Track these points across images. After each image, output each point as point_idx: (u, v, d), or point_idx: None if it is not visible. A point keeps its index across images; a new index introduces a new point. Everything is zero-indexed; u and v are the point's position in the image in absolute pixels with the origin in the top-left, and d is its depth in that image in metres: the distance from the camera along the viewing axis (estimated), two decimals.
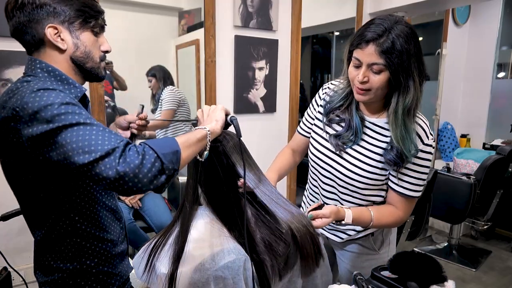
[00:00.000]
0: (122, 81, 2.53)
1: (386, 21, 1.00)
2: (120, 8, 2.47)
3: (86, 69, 0.93)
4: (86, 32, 0.91)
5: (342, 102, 1.18)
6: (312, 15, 3.02)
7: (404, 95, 1.02)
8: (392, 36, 0.97)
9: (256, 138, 2.42)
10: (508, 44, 3.75)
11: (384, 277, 1.02)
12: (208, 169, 0.97)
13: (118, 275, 1.02)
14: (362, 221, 1.12)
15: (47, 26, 0.85)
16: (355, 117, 1.14)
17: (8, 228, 1.70)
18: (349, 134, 1.15)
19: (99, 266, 0.97)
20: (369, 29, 1.00)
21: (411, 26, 1.02)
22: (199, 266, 0.88)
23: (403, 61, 0.98)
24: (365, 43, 1.00)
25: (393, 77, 1.00)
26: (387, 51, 0.97)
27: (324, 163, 1.22)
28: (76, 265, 0.93)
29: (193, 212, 1.01)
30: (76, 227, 0.92)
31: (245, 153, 0.97)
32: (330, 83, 1.27)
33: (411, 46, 0.99)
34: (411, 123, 1.06)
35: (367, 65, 1.01)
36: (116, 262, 1.02)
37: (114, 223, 1.02)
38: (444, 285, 0.98)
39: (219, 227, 0.97)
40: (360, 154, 1.15)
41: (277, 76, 2.45)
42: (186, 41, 2.66)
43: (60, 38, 0.87)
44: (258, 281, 0.94)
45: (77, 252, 0.93)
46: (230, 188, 0.96)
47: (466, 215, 2.76)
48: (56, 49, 0.88)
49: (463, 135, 3.95)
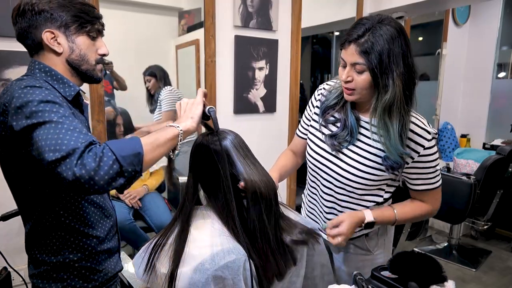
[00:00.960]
0: (122, 81, 2.53)
1: (370, 21, 1.01)
2: (120, 8, 2.47)
3: (82, 71, 0.99)
4: (82, 36, 0.96)
5: (336, 101, 1.19)
6: (312, 15, 3.02)
7: (382, 94, 1.03)
8: (373, 36, 0.99)
9: (256, 138, 2.42)
10: (508, 44, 3.75)
11: (384, 277, 1.02)
12: (208, 168, 0.97)
13: (102, 271, 1.04)
14: (386, 217, 1.16)
15: (45, 31, 0.92)
16: (350, 116, 1.15)
17: (8, 228, 1.70)
18: (345, 133, 1.16)
19: (82, 261, 1.00)
20: (353, 29, 1.02)
21: (397, 25, 1.02)
22: (199, 266, 0.88)
23: (382, 61, 0.99)
24: (348, 43, 1.02)
25: (373, 77, 1.02)
26: (366, 51, 0.99)
27: (321, 164, 1.23)
28: (60, 258, 0.97)
29: (193, 211, 1.01)
30: (61, 221, 0.96)
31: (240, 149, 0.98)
32: (325, 84, 1.29)
33: (393, 45, 0.99)
34: (393, 123, 1.06)
35: (350, 64, 1.04)
36: (101, 259, 1.04)
37: (103, 220, 1.05)
38: (444, 285, 0.98)
39: (219, 226, 0.97)
40: (356, 154, 1.16)
41: (277, 76, 2.45)
42: (186, 41, 2.66)
43: (56, 42, 0.93)
44: (258, 281, 0.94)
45: (61, 245, 0.97)
46: (230, 187, 0.96)
47: (466, 215, 2.75)
48: (53, 52, 0.94)
49: (463, 135, 3.95)
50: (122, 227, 2.04)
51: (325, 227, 1.12)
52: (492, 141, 3.62)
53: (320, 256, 1.13)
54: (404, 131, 1.08)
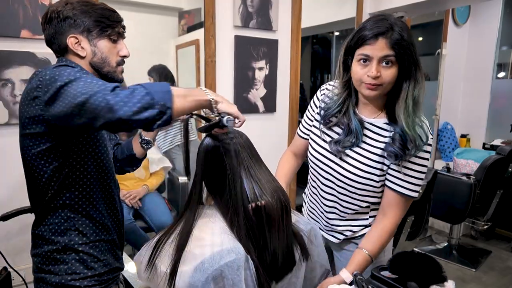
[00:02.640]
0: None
1: (386, 19, 1.02)
2: (121, 8, 2.46)
3: (103, 73, 1.05)
4: (103, 40, 1.02)
5: (339, 108, 1.18)
6: (312, 15, 3.02)
7: (414, 85, 1.05)
8: (398, 29, 1.00)
9: (256, 138, 2.40)
10: (508, 44, 3.75)
11: (384, 277, 1.02)
12: (215, 167, 0.97)
13: (102, 261, 1.07)
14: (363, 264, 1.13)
15: (69, 36, 0.99)
16: (354, 121, 1.14)
17: (8, 228, 1.70)
18: (350, 138, 1.15)
19: (86, 246, 1.04)
20: (374, 25, 1.02)
21: (407, 26, 1.06)
22: (199, 265, 0.88)
23: (412, 52, 1.02)
24: (374, 37, 1.01)
25: (403, 69, 1.03)
26: (397, 43, 1.00)
27: (323, 165, 1.22)
28: (66, 238, 1.01)
29: (197, 210, 1.01)
30: (74, 201, 1.01)
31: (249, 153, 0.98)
32: (327, 85, 1.28)
33: (413, 40, 1.03)
34: (420, 113, 1.08)
35: (378, 59, 1.02)
36: (104, 248, 1.08)
37: (112, 212, 1.11)
38: (444, 285, 0.98)
39: (221, 225, 0.97)
40: (360, 155, 1.15)
41: (277, 76, 2.45)
42: (186, 41, 2.66)
43: (80, 46, 1.00)
44: (258, 282, 0.94)
45: (68, 226, 1.02)
46: (236, 187, 0.96)
47: (466, 215, 2.75)
48: (77, 55, 1.02)
49: (463, 135, 3.95)
50: None
51: None
52: (492, 141, 3.62)
53: (319, 256, 1.13)
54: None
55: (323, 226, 1.32)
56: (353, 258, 1.15)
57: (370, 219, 1.24)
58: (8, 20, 1.60)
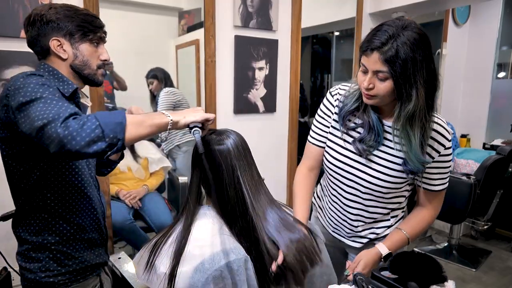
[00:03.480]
0: (122, 82, 2.53)
1: (393, 27, 0.98)
2: (120, 8, 2.47)
3: (84, 75, 1.08)
4: (85, 44, 1.06)
5: (357, 104, 1.15)
6: (312, 15, 3.02)
7: (405, 103, 1.01)
8: (397, 44, 0.95)
9: (256, 138, 2.42)
10: (508, 44, 3.75)
11: (384, 277, 1.02)
12: (210, 167, 0.97)
13: (77, 259, 1.11)
14: (399, 242, 1.17)
15: (52, 39, 1.02)
16: (373, 117, 1.12)
17: (8, 228, 1.69)
18: (371, 136, 1.13)
19: (59, 245, 1.08)
20: (376, 36, 0.98)
21: (421, 31, 0.99)
22: (199, 266, 0.88)
23: (407, 69, 0.96)
24: (370, 50, 0.99)
25: (396, 86, 0.99)
26: (390, 60, 0.96)
27: (346, 172, 1.19)
28: (40, 238, 1.06)
29: (196, 211, 1.01)
30: (46, 203, 1.05)
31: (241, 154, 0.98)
32: (339, 89, 1.23)
33: (417, 53, 0.96)
34: (415, 135, 1.04)
35: (372, 72, 1.01)
36: (79, 247, 1.12)
37: (88, 211, 1.14)
38: (444, 285, 0.98)
39: (220, 226, 0.97)
40: (383, 159, 1.14)
41: (277, 76, 2.45)
42: (186, 41, 2.66)
43: (62, 49, 1.04)
44: (258, 282, 0.94)
45: (42, 227, 1.06)
46: (232, 186, 0.96)
47: (466, 215, 2.75)
48: (58, 57, 1.05)
49: (463, 135, 3.95)
50: (122, 227, 2.04)
51: (347, 273, 1.14)
52: (492, 141, 3.61)
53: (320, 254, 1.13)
54: (425, 139, 1.07)
55: (345, 233, 1.30)
56: (391, 235, 1.19)
57: (392, 219, 1.25)
58: (8, 20, 1.60)
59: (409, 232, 1.18)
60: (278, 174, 2.57)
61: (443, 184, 1.18)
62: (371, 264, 1.14)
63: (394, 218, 1.26)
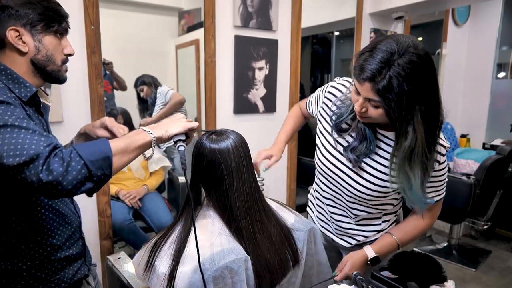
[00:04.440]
0: (122, 81, 2.53)
1: (387, 52, 0.87)
2: (120, 8, 2.47)
3: (47, 71, 0.95)
4: (49, 35, 0.92)
5: (353, 114, 1.09)
6: (312, 15, 3.02)
7: (401, 139, 0.93)
8: (390, 74, 0.85)
9: (256, 138, 2.42)
10: (508, 44, 3.75)
11: (384, 277, 1.02)
12: (210, 168, 0.97)
13: (53, 282, 0.98)
14: (387, 247, 1.15)
15: (9, 28, 0.87)
16: (366, 128, 1.06)
17: None
18: (363, 146, 1.07)
19: (32, 270, 0.94)
20: (368, 62, 0.88)
21: (421, 54, 0.87)
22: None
23: (401, 103, 0.87)
24: (362, 80, 0.90)
25: (389, 120, 0.92)
26: (382, 93, 0.87)
27: (332, 173, 1.17)
28: (8, 264, 0.91)
29: (196, 211, 1.01)
30: (12, 227, 0.90)
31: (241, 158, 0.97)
32: (339, 84, 1.19)
33: (414, 85, 0.86)
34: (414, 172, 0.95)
35: (364, 98, 0.94)
36: (55, 268, 0.98)
37: (62, 227, 1.00)
38: (444, 285, 0.98)
39: (220, 226, 0.97)
40: (373, 168, 1.09)
41: (277, 76, 2.45)
42: (186, 41, 2.66)
43: (21, 41, 0.89)
44: (257, 282, 0.94)
45: (11, 252, 0.91)
46: (232, 187, 0.96)
47: (466, 215, 2.75)
48: (16, 51, 0.89)
49: (463, 135, 3.95)
50: (122, 227, 2.04)
51: (335, 274, 1.14)
52: (492, 141, 3.61)
53: (318, 254, 1.14)
54: (426, 177, 0.98)
55: (334, 230, 1.30)
56: (380, 239, 1.17)
57: (383, 224, 1.22)
58: None
59: (399, 238, 1.15)
60: (278, 174, 2.57)
61: (438, 196, 1.11)
62: (358, 266, 1.13)
63: (386, 223, 1.22)
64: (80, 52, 1.63)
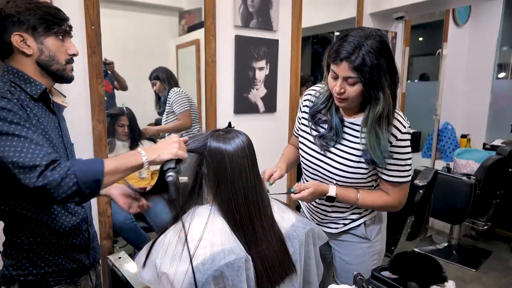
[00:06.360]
0: (122, 81, 2.53)
1: (357, 37, 1.09)
2: (120, 8, 2.47)
3: (52, 71, 1.04)
4: (50, 37, 1.01)
5: (324, 105, 1.29)
6: (312, 15, 3.02)
7: (374, 105, 1.13)
8: (362, 53, 1.07)
9: (256, 138, 2.41)
10: (509, 44, 3.75)
11: (384, 277, 1.02)
12: (215, 168, 0.97)
13: (51, 261, 1.09)
14: (347, 196, 1.26)
15: (13, 34, 0.96)
16: (334, 118, 1.25)
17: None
18: (331, 134, 1.26)
19: (32, 245, 1.06)
20: (343, 47, 1.09)
21: (382, 39, 1.11)
22: (199, 265, 0.88)
23: (373, 75, 1.08)
24: (339, 60, 1.10)
25: (365, 90, 1.11)
26: (358, 68, 1.07)
27: (311, 163, 1.34)
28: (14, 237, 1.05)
29: (195, 210, 1.01)
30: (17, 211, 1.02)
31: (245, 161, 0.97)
32: (311, 90, 1.37)
33: (381, 60, 1.08)
34: (383, 131, 1.15)
35: (342, 78, 1.12)
36: (55, 249, 1.09)
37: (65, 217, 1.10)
38: (444, 286, 0.98)
39: (221, 226, 0.97)
40: (343, 152, 1.26)
41: (277, 76, 2.45)
42: (187, 41, 2.66)
43: (25, 44, 0.98)
44: (258, 282, 0.94)
45: (17, 227, 1.04)
46: (236, 185, 0.96)
47: (466, 216, 2.76)
48: (23, 54, 0.99)
49: (463, 135, 3.95)
50: (122, 227, 2.04)
51: (294, 190, 1.25)
52: (492, 141, 3.62)
53: (317, 254, 1.14)
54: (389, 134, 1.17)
55: (320, 220, 1.41)
56: (347, 189, 1.27)
57: (364, 211, 1.36)
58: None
59: (361, 197, 1.26)
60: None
61: (400, 177, 1.23)
62: (316, 195, 1.24)
63: (366, 211, 1.36)
64: (81, 52, 1.62)
